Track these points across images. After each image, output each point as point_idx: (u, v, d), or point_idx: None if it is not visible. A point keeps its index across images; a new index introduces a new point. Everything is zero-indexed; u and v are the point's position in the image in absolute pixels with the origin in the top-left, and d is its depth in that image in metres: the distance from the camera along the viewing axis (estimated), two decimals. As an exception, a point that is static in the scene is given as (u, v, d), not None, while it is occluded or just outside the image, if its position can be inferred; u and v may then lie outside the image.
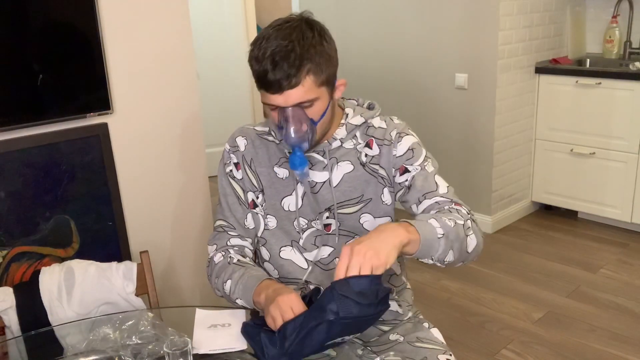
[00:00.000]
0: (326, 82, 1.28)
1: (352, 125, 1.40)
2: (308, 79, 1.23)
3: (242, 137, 1.47)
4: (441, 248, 1.21)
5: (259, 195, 1.45)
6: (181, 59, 2.09)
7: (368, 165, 1.40)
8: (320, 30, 1.28)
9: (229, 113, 4.76)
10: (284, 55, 1.21)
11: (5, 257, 1.78)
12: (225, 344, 1.27)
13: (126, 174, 2.01)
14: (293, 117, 1.25)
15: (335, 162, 1.40)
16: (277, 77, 1.21)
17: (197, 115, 2.18)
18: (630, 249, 3.34)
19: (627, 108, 3.29)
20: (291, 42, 1.22)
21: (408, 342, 1.44)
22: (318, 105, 1.27)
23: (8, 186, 1.76)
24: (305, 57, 1.22)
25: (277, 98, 1.24)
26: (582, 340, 2.53)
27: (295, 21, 1.26)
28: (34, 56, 1.74)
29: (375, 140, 1.41)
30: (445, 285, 3.03)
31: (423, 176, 1.38)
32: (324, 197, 1.40)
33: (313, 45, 1.24)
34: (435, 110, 3.69)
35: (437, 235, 1.20)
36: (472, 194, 3.65)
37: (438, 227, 1.21)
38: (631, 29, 3.61)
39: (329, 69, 1.27)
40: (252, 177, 1.45)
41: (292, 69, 1.21)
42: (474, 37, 3.40)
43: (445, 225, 1.22)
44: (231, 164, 1.47)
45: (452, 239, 1.22)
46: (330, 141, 1.39)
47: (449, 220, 1.24)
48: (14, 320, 1.55)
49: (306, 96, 1.24)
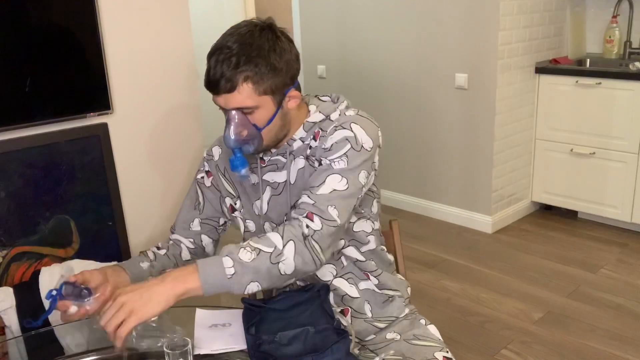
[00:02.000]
0: (270, 92, 1.27)
1: (311, 124, 1.38)
2: (245, 86, 1.24)
3: (218, 146, 1.51)
4: (235, 285, 1.18)
5: (237, 201, 1.49)
6: (181, 58, 2.09)
7: (309, 158, 1.37)
8: (272, 39, 1.26)
9: (229, 113, 4.76)
10: (224, 58, 1.23)
11: (5, 257, 1.78)
12: (225, 344, 1.27)
13: (126, 174, 2.01)
14: (233, 120, 1.28)
15: (293, 159, 1.39)
16: (216, 77, 1.24)
17: (197, 115, 2.18)
18: (630, 249, 3.34)
19: (627, 108, 3.29)
20: (236, 47, 1.23)
21: (405, 340, 1.44)
22: (260, 113, 1.28)
23: (8, 186, 1.76)
24: (243, 64, 1.22)
25: (218, 99, 1.28)
26: (582, 340, 2.53)
27: (250, 26, 1.27)
28: (34, 56, 1.74)
29: (320, 133, 1.36)
30: (445, 285, 3.03)
31: (322, 171, 1.30)
32: (285, 198, 1.40)
33: (258, 54, 1.23)
34: (435, 110, 3.69)
35: (227, 276, 1.17)
36: (472, 194, 3.65)
37: (229, 266, 1.17)
38: (631, 29, 3.61)
39: (273, 79, 1.26)
40: (227, 184, 1.49)
41: (229, 72, 1.22)
42: (474, 37, 3.40)
43: (239, 262, 1.18)
44: (203, 172, 1.53)
45: (251, 273, 1.19)
46: (289, 142, 1.38)
47: (252, 252, 1.20)
48: (14, 320, 1.55)
49: (245, 102, 1.25)
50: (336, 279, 1.43)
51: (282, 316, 1.29)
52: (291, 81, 1.30)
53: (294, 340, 1.22)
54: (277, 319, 1.28)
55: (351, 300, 1.44)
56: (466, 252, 3.38)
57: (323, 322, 1.25)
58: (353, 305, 1.45)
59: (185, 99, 2.13)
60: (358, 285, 1.45)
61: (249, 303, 1.31)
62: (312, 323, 1.25)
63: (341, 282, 1.43)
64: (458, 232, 3.67)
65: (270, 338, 1.22)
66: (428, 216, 3.89)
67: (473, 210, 3.69)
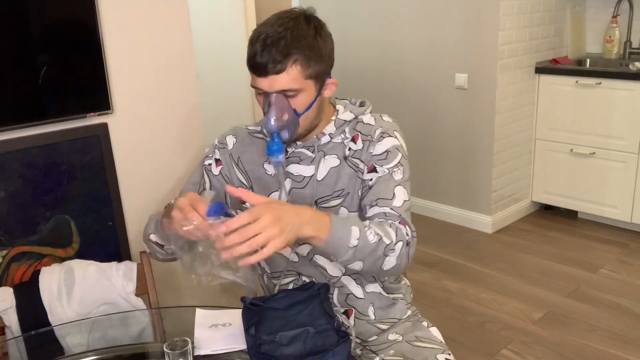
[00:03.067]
0: (314, 77, 1.30)
1: (342, 121, 1.42)
2: (294, 68, 1.26)
3: (232, 135, 1.51)
4: (347, 256, 1.20)
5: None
6: (181, 59, 2.09)
7: (349, 159, 1.40)
8: (318, 27, 1.31)
9: (229, 113, 4.76)
10: (274, 41, 1.25)
11: (5, 257, 1.78)
12: (225, 344, 1.27)
13: (126, 174, 2.01)
14: (275, 104, 1.28)
15: (323, 156, 1.41)
16: (264, 60, 1.25)
17: (196, 115, 2.18)
18: (630, 249, 3.34)
19: (627, 108, 3.29)
20: (285, 30, 1.26)
21: (407, 341, 1.44)
22: (302, 97, 1.30)
23: (8, 186, 1.76)
24: (294, 47, 1.26)
25: (262, 81, 1.28)
26: (582, 340, 2.53)
27: (295, 13, 1.31)
28: (34, 56, 1.74)
29: (360, 135, 1.41)
30: (445, 285, 3.03)
31: (385, 181, 1.36)
32: (310, 192, 1.41)
33: (305, 37, 1.27)
34: (435, 110, 3.69)
35: (349, 245, 1.18)
36: (472, 194, 3.66)
37: (356, 237, 1.19)
38: (631, 29, 3.61)
39: (318, 64, 1.30)
40: (239, 174, 1.48)
41: (279, 54, 1.25)
42: (474, 37, 3.40)
43: (364, 238, 1.20)
44: (212, 159, 1.51)
45: (365, 253, 1.20)
46: (319, 136, 1.41)
47: (375, 235, 1.21)
48: (14, 320, 1.54)
49: (290, 85, 1.27)
50: (344, 277, 1.44)
51: (282, 315, 1.29)
52: (330, 69, 1.35)
53: (294, 340, 1.22)
54: (277, 318, 1.28)
55: (356, 301, 1.45)
56: (466, 252, 3.38)
57: (323, 322, 1.26)
58: (357, 307, 1.45)
59: (185, 99, 2.13)
60: (365, 287, 1.45)
61: (248, 302, 1.31)
62: (312, 322, 1.25)
63: (348, 280, 1.44)
64: (458, 232, 3.66)
65: (270, 338, 1.22)
66: (428, 216, 3.89)
67: (473, 210, 3.69)
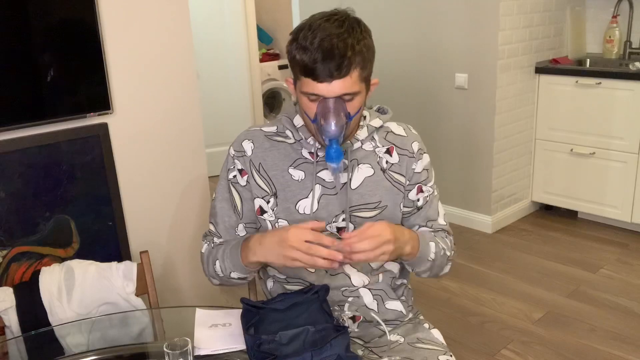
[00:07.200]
0: (367, 78, 1.29)
1: (372, 128, 1.41)
2: (355, 72, 1.24)
3: (249, 140, 1.42)
4: (424, 266, 1.40)
5: (270, 199, 1.39)
6: (181, 59, 2.09)
7: (388, 172, 1.40)
8: (364, 27, 1.29)
9: (229, 113, 4.76)
10: (336, 45, 1.21)
11: (5, 257, 1.78)
12: (225, 344, 1.27)
13: (126, 174, 2.01)
14: (335, 109, 1.24)
15: (357, 164, 1.39)
16: (328, 66, 1.21)
17: (197, 115, 2.18)
18: (630, 249, 3.34)
19: (627, 108, 3.29)
20: (344, 33, 1.22)
21: (409, 342, 1.44)
22: (358, 100, 1.28)
23: (8, 186, 1.76)
24: (356, 50, 1.23)
25: (323, 88, 1.23)
26: (582, 340, 2.53)
27: (343, 15, 1.27)
28: (34, 56, 1.74)
29: (395, 148, 1.41)
30: (445, 285, 3.03)
31: (432, 202, 1.46)
32: (342, 199, 1.37)
33: (363, 39, 1.25)
34: (435, 110, 3.69)
35: (428, 258, 1.38)
36: (472, 194, 3.65)
37: (432, 252, 1.39)
38: (631, 29, 3.61)
39: (371, 65, 1.29)
40: (260, 182, 1.40)
41: (344, 59, 1.21)
42: (474, 37, 3.40)
43: (437, 252, 1.40)
44: (235, 170, 1.42)
45: (436, 264, 1.42)
46: (352, 141, 1.38)
47: (441, 249, 1.41)
48: (14, 320, 1.54)
49: (351, 88, 1.24)
50: (362, 289, 1.43)
51: (281, 317, 1.29)
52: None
53: (294, 339, 1.22)
54: (277, 320, 1.28)
55: (367, 311, 1.44)
56: (466, 252, 3.38)
57: (322, 322, 1.25)
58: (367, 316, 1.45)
59: (186, 99, 2.13)
60: (385, 303, 1.46)
61: (248, 304, 1.31)
62: (312, 323, 1.25)
63: (366, 292, 1.43)
64: (458, 232, 3.66)
65: (270, 338, 1.22)
66: (428, 216, 3.88)
67: (473, 210, 3.69)
